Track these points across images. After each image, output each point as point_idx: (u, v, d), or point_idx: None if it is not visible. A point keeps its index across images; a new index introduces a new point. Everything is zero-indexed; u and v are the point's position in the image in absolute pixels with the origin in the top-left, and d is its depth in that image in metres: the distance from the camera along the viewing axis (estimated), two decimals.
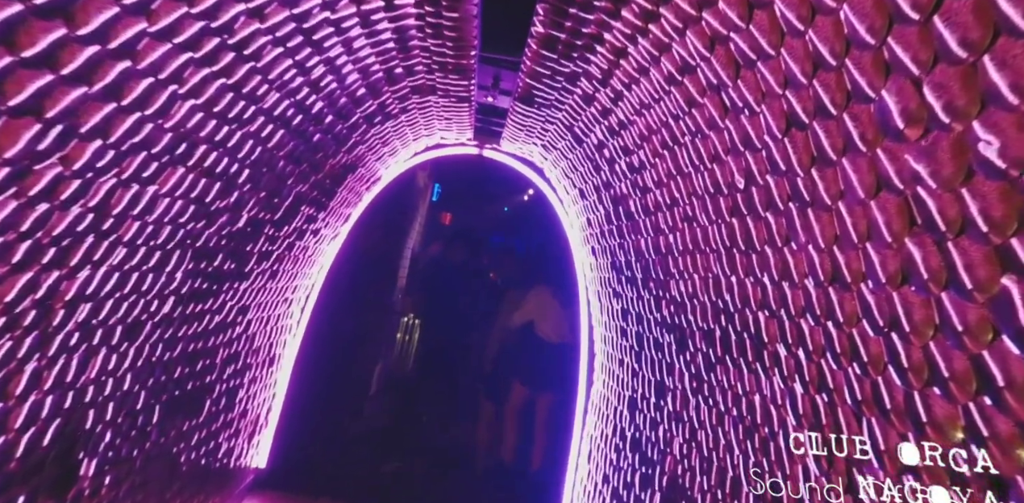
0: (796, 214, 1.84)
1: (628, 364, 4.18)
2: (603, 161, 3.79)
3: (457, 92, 4.16)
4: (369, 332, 6.91)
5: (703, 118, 2.30)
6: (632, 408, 4.01)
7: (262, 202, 3.43)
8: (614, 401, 4.45)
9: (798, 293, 1.91)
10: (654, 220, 3.25)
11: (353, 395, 6.85)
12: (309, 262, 5.06)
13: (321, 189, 4.28)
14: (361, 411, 6.94)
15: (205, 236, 3.05)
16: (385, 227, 7.26)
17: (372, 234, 6.96)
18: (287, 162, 3.46)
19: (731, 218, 2.30)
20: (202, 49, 2.14)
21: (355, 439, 6.44)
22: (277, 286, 4.49)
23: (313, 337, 5.44)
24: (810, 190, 1.74)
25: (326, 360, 6.12)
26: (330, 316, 5.78)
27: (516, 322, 6.29)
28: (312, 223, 4.59)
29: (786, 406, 2.07)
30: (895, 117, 1.36)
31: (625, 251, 3.98)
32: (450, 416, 6.91)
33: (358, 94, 3.59)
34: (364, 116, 3.95)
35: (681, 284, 3.04)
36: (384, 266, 7.17)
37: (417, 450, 6.41)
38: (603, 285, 4.79)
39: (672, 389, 3.27)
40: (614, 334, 4.62)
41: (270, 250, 4.01)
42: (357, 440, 6.42)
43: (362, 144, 4.45)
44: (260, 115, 2.85)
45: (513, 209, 13.63)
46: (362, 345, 6.82)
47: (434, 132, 5.38)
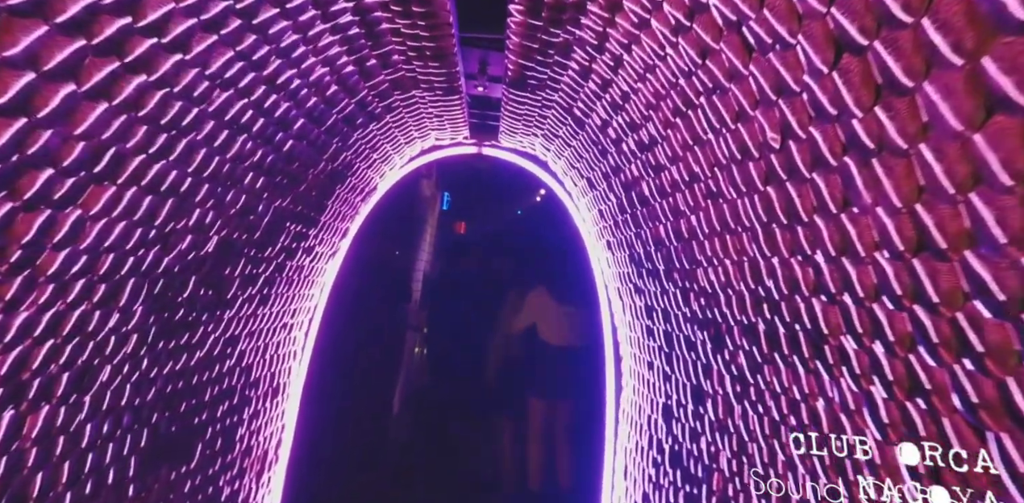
0: (856, 169, 1.40)
1: (658, 367, 3.74)
2: (609, 143, 3.36)
3: (442, 83, 3.75)
4: (385, 349, 6.51)
5: (720, 68, 1.86)
6: (668, 416, 3.56)
7: (233, 221, 3.03)
8: (647, 408, 4.00)
9: (866, 270, 1.47)
10: (672, 202, 2.81)
11: (376, 416, 6.45)
12: (307, 283, 4.66)
13: (306, 203, 3.88)
14: (386, 433, 6.53)
15: (165, 263, 2.65)
16: (392, 240, 6.86)
17: (378, 248, 6.56)
18: (257, 174, 3.06)
19: (766, 186, 1.87)
20: (102, 34, 1.74)
21: (383, 464, 6.03)
22: (271, 311, 4.10)
23: (323, 361, 5.04)
24: (875, 134, 1.30)
25: (342, 383, 5.72)
26: (340, 337, 5.37)
27: (517, 327, 5.87)
28: (302, 240, 4.19)
29: (862, 413, 1.63)
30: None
31: (643, 241, 3.54)
32: (479, 434, 6.48)
33: (329, 92, 3.19)
34: (342, 118, 3.55)
35: (711, 272, 2.60)
36: (395, 280, 6.76)
37: (448, 475, 5.98)
38: (623, 281, 4.36)
39: (712, 394, 2.83)
40: (640, 334, 4.18)
41: (255, 273, 3.61)
42: (385, 466, 6.01)
43: (347, 150, 4.05)
44: (207, 119, 2.45)
45: (527, 210, 13.19)
46: (379, 363, 6.41)
47: (427, 133, 4.97)
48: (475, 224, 13.53)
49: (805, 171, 1.61)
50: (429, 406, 6.58)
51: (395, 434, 6.55)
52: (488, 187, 12.76)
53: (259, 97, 2.68)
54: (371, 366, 6.23)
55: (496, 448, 6.03)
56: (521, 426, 5.95)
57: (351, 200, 4.82)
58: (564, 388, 5.61)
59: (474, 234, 13.08)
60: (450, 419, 6.40)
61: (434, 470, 6.00)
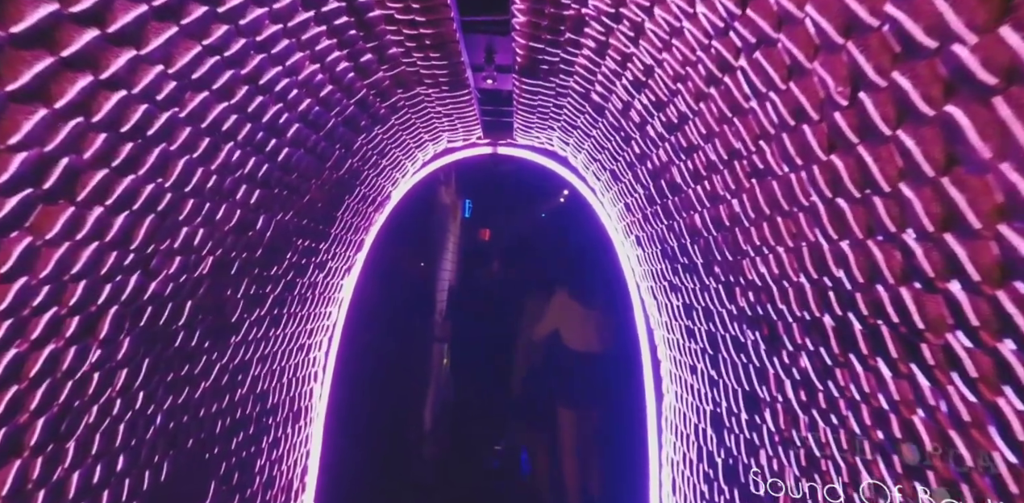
0: (965, 116, 1.06)
1: (703, 371, 3.39)
2: (632, 127, 3.03)
3: (447, 77, 3.44)
4: (411, 364, 6.20)
5: (766, 16, 1.53)
6: (718, 427, 3.21)
7: (229, 238, 2.74)
8: (692, 417, 3.65)
9: (985, 247, 1.13)
10: (708, 186, 2.48)
11: (406, 434, 6.14)
12: (323, 300, 4.37)
13: (313, 216, 3.59)
14: (420, 451, 6.22)
15: (152, 289, 2.37)
16: (412, 250, 6.56)
17: (398, 259, 6.26)
18: (251, 186, 2.76)
19: (829, 154, 1.53)
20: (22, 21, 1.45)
21: (416, 484, 5.72)
22: (285, 333, 3.81)
23: (347, 380, 4.75)
24: (997, 65, 0.96)
25: (368, 402, 5.42)
26: (363, 354, 5.08)
27: (540, 334, 5.51)
28: (313, 256, 3.90)
29: (985, 429, 1.28)
30: None
31: (677, 234, 3.20)
32: (512, 450, 6.14)
33: (324, 92, 2.89)
34: (342, 121, 3.26)
35: (760, 263, 2.26)
36: (418, 292, 6.45)
37: (483, 494, 5.65)
38: (656, 278, 4.01)
39: (769, 401, 2.48)
40: (679, 335, 3.83)
41: (262, 293, 3.32)
42: (418, 486, 5.70)
43: (352, 157, 3.76)
44: (181, 126, 2.15)
45: (551, 213, 12.84)
46: (406, 379, 6.11)
47: (438, 135, 4.67)
48: (499, 230, 13.22)
49: (885, 128, 1.27)
50: (457, 421, 6.24)
51: (427, 451, 6.23)
52: (509, 192, 12.43)
53: (241, 99, 2.39)
54: (398, 382, 5.93)
55: (531, 463, 5.69)
56: (552, 438, 5.59)
57: (363, 211, 4.53)
58: (594, 396, 5.25)
59: (498, 240, 12.78)
60: (480, 435, 6.07)
61: (468, 489, 5.68)
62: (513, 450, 6.17)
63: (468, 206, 12.58)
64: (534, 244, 8.48)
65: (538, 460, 5.68)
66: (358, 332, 4.84)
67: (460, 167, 9.23)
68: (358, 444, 5.31)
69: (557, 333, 5.44)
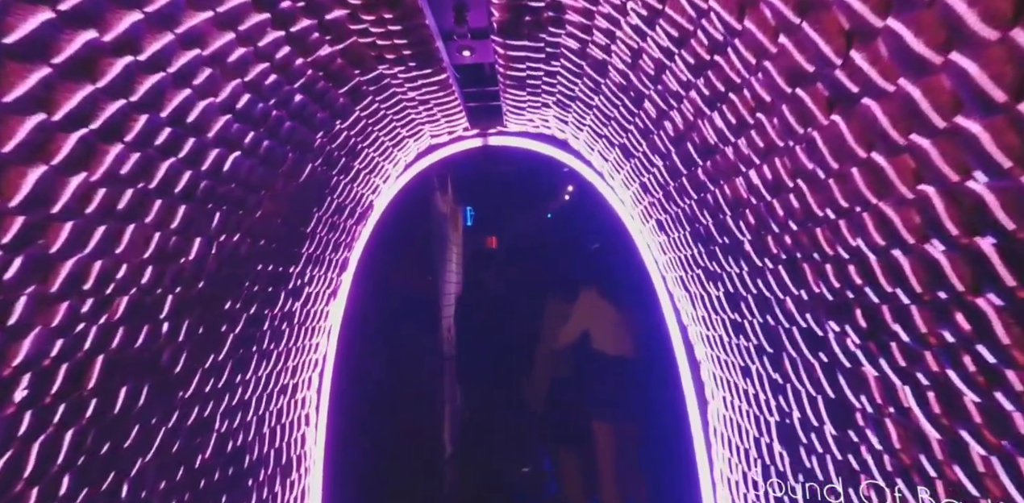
0: None
1: (760, 373, 2.74)
2: (645, 81, 2.39)
3: (413, 49, 2.81)
4: (421, 387, 5.55)
5: None
6: (789, 442, 2.56)
7: (149, 270, 2.11)
8: (751, 428, 3.00)
9: None
10: (757, 136, 1.84)
11: (425, 465, 5.50)
12: (306, 332, 3.74)
13: (272, 235, 2.96)
14: (442, 477, 5.57)
15: (58, 349, 1.74)
16: (411, 265, 5.92)
17: (395, 276, 5.63)
18: (168, 201, 2.13)
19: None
20: None
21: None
22: (260, 376, 3.17)
23: (347, 417, 4.12)
24: None
25: (374, 435, 4.79)
26: (363, 384, 4.45)
27: (566, 339, 4.81)
28: (284, 282, 3.26)
29: None
30: None
31: (711, 209, 2.56)
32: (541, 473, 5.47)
33: (252, 75, 2.26)
34: (288, 114, 2.62)
35: (847, 229, 1.62)
36: (421, 309, 5.79)
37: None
38: (686, 267, 3.37)
39: (873, 415, 1.83)
40: (722, 331, 3.18)
41: (218, 334, 2.69)
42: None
43: (314, 161, 3.13)
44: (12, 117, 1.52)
45: (558, 210, 12.14)
46: (417, 405, 5.45)
47: (417, 129, 4.04)
48: (505, 235, 12.56)
49: None
50: (478, 444, 5.56)
51: (447, 480, 5.55)
52: (510, 192, 11.80)
53: (132, 88, 1.75)
54: (406, 410, 5.27)
55: (564, 486, 5.00)
56: (585, 456, 4.90)
57: (341, 224, 3.89)
58: (633, 406, 4.58)
59: (505, 246, 12.12)
60: (504, 457, 5.41)
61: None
62: (538, 470, 5.52)
63: (470, 214, 11.97)
64: (545, 244, 7.79)
65: (570, 480, 5.00)
66: (354, 362, 4.21)
67: (454, 172, 8.62)
68: (366, 484, 4.68)
69: (586, 337, 4.75)
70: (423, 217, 6.54)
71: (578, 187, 11.31)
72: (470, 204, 11.22)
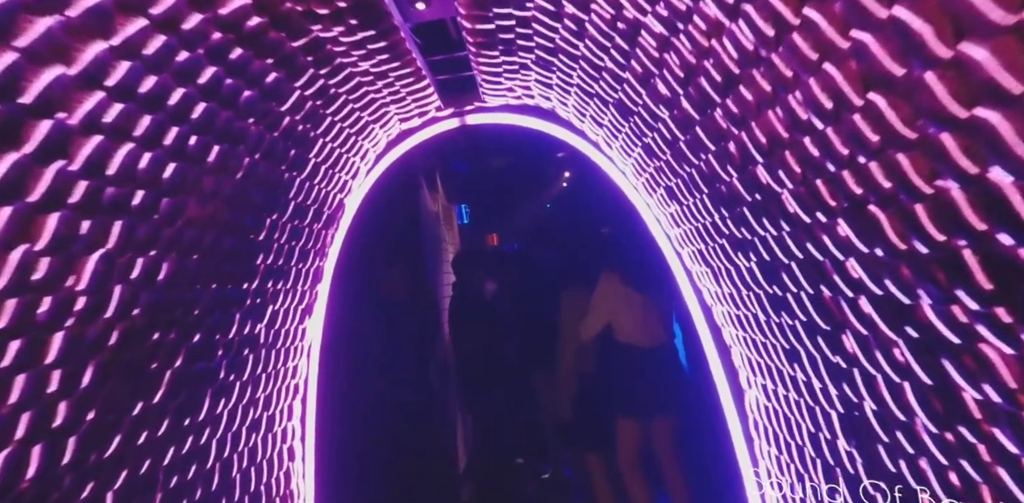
0: None
1: (815, 357, 2.23)
2: (640, 8, 1.88)
3: (347, 2, 2.30)
4: (427, 400, 5.03)
5: None
6: (857, 435, 2.05)
7: (34, 300, 1.60)
8: (805, 422, 2.49)
9: None
10: (796, 47, 1.33)
11: (440, 481, 5.00)
12: (279, 356, 3.24)
13: (213, 250, 2.45)
14: (457, 496, 5.07)
15: None
16: (401, 271, 5.40)
17: (383, 284, 5.12)
18: (72, 217, 1.63)
19: None
20: None
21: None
22: (222, 413, 2.67)
23: (339, 444, 3.62)
24: None
25: (374, 458, 4.29)
26: (359, 402, 3.96)
27: (588, 332, 4.23)
28: (237, 304, 2.75)
29: None
30: None
31: (734, 160, 2.05)
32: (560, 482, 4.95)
33: (152, 48, 1.75)
34: (201, 91, 2.11)
35: (953, 148, 1.11)
36: (417, 316, 5.25)
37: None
38: (706, 238, 2.87)
39: (1003, 405, 1.32)
40: (756, 309, 2.68)
41: (156, 373, 2.19)
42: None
43: (256, 155, 2.62)
44: None
45: (558, 197, 11.59)
46: (423, 418, 4.93)
47: (383, 113, 3.53)
48: (504, 230, 12.00)
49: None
50: (494, 457, 5.02)
51: (464, 495, 5.04)
52: (505, 188, 11.26)
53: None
54: (408, 426, 4.74)
55: (593, 495, 4.47)
56: (611, 457, 4.36)
57: (307, 230, 3.38)
58: (662, 400, 4.05)
59: (506, 241, 11.57)
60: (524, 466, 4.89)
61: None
62: (560, 476, 5.02)
63: (465, 212, 11.41)
64: (548, 234, 7.22)
65: (601, 488, 4.47)
66: (343, 383, 3.71)
67: (443, 169, 8.08)
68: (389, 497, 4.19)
69: (610, 328, 4.19)
70: (411, 217, 6.02)
71: (576, 170, 10.79)
72: (464, 201, 10.69)
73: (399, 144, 3.91)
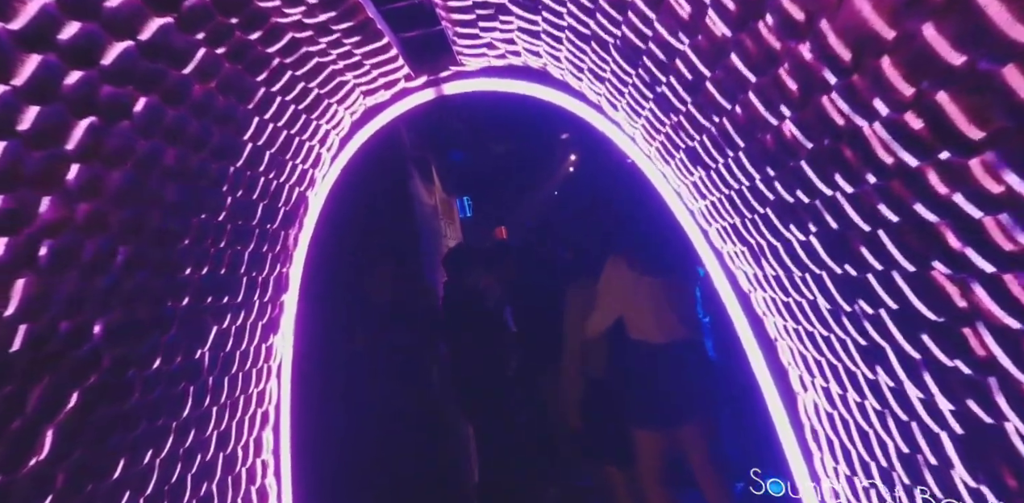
0: None
1: (904, 354, 1.64)
2: None
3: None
4: (431, 411, 4.45)
5: None
6: (986, 461, 1.46)
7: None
8: (889, 437, 1.90)
9: None
10: None
11: (455, 495, 4.45)
12: (244, 381, 2.68)
13: (135, 263, 1.89)
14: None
15: None
16: (390, 270, 4.81)
17: (368, 284, 4.55)
18: None
19: None
20: None
21: None
22: (165, 460, 2.12)
23: (323, 473, 3.06)
24: None
25: (377, 479, 3.74)
26: (338, 428, 3.40)
27: (595, 330, 3.56)
28: (163, 328, 2.18)
29: None
30: None
31: (787, 95, 1.46)
32: None
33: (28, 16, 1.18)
34: (102, 75, 1.55)
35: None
36: (412, 320, 4.64)
37: None
38: (741, 208, 2.27)
39: None
40: (816, 294, 2.08)
41: (84, 423, 1.64)
42: None
43: (182, 145, 2.05)
44: None
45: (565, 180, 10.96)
46: (429, 432, 4.36)
47: (341, 86, 2.95)
48: (511, 220, 11.34)
49: None
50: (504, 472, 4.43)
51: None
52: (507, 173, 10.60)
53: None
54: (410, 447, 4.17)
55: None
56: (622, 463, 3.72)
57: (258, 231, 2.80)
58: (687, 405, 3.39)
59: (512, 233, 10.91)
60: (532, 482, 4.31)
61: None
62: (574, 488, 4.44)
63: (467, 204, 10.77)
64: (556, 224, 6.53)
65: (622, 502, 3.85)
66: (323, 403, 3.15)
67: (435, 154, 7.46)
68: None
69: (621, 323, 3.51)
70: (402, 211, 5.42)
71: (581, 150, 10.15)
72: (465, 192, 10.05)
73: (367, 124, 3.32)
